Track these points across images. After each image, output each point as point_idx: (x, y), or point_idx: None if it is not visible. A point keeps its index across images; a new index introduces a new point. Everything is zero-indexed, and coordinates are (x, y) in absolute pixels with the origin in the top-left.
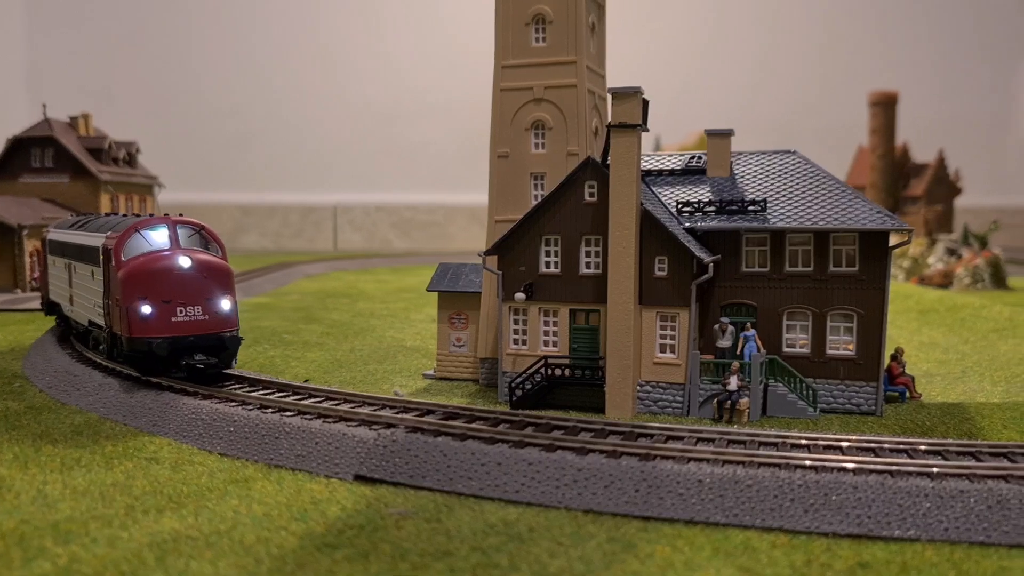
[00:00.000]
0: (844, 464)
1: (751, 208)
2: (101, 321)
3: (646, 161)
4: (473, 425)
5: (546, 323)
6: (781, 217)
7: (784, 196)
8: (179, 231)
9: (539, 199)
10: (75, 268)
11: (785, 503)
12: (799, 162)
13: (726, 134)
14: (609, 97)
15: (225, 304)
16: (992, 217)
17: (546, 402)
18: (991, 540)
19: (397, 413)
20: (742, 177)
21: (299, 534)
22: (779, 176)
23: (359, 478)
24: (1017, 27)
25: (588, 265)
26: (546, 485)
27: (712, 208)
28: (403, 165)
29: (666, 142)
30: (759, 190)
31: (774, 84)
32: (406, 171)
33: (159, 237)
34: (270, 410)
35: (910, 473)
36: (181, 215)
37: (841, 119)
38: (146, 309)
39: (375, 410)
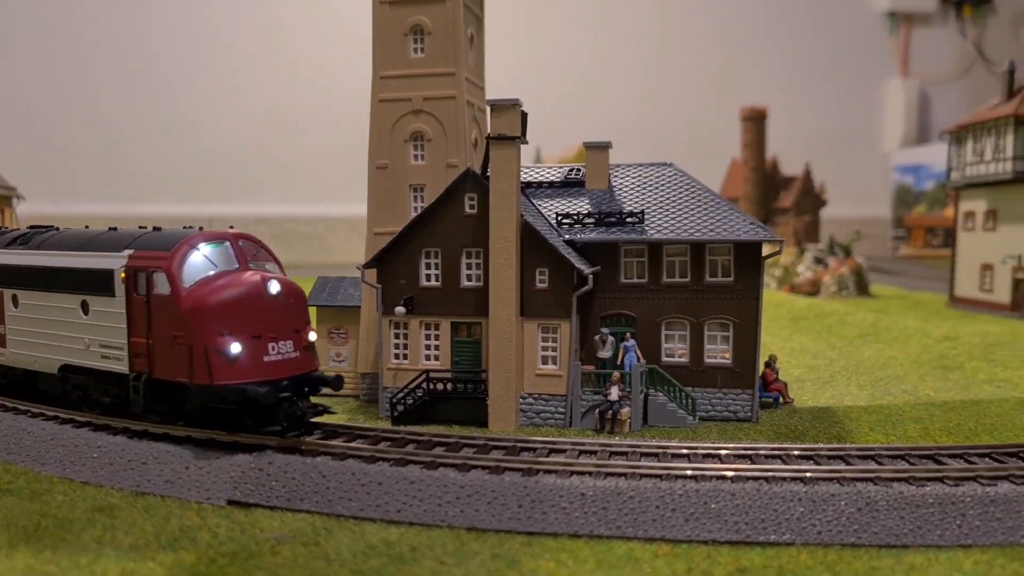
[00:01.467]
0: (723, 472)
1: (629, 220)
2: (118, 366)
3: (526, 173)
4: (353, 444)
5: (427, 336)
6: (658, 229)
7: (661, 208)
8: (242, 246)
9: (419, 211)
10: (35, 299)
11: (667, 513)
12: (675, 174)
13: (604, 147)
14: (488, 109)
15: (312, 336)
16: (855, 227)
17: (428, 417)
18: (861, 541)
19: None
20: (620, 189)
21: (168, 564)
22: (656, 188)
23: (233, 503)
24: (879, 48)
25: (469, 278)
26: (428, 503)
27: (591, 220)
28: (283, 176)
29: (546, 154)
30: (637, 202)
31: (651, 98)
32: (286, 182)
33: (221, 255)
34: (138, 434)
35: (784, 479)
36: (232, 227)
37: (715, 133)
38: (235, 348)
39: (250, 431)
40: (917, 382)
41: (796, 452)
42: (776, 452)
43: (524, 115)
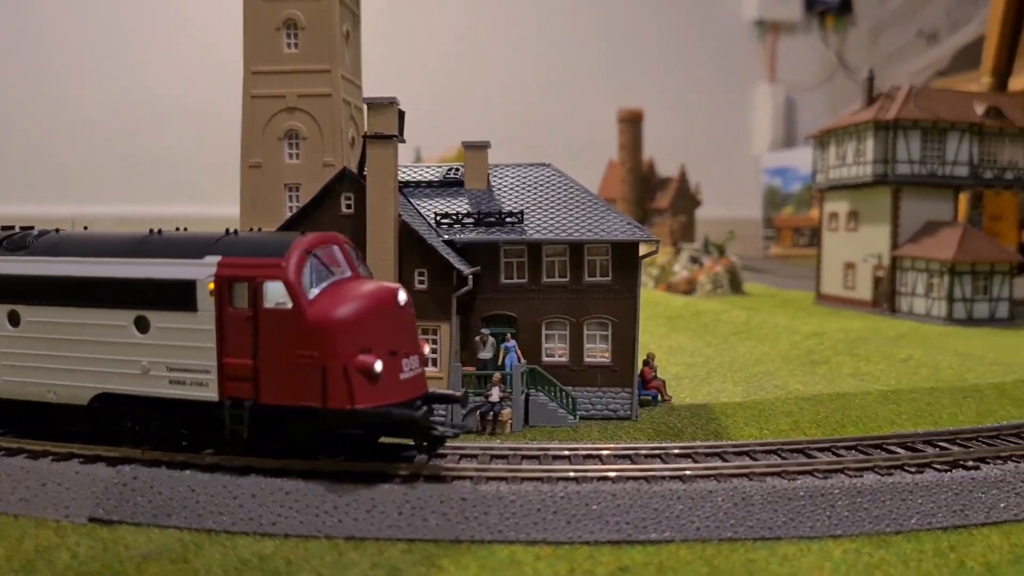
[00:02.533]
0: (605, 473)
1: (508, 220)
2: (201, 393)
3: (404, 173)
4: (225, 455)
5: None
6: (538, 229)
7: (540, 208)
8: (347, 249)
9: (294, 211)
10: (50, 316)
11: (548, 516)
12: (554, 175)
13: (483, 146)
14: (365, 107)
15: (427, 348)
16: (728, 228)
17: None
18: (738, 535)
19: (140, 446)
20: (499, 189)
21: None
22: (535, 188)
23: (95, 520)
24: (748, 55)
25: None
26: (305, 514)
27: (471, 220)
28: (150, 175)
29: (426, 154)
30: (516, 202)
31: (530, 99)
32: (154, 181)
33: (333, 260)
34: None
35: (664, 478)
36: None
37: (593, 134)
38: (378, 366)
39: (114, 443)
40: (787, 377)
41: (676, 451)
42: (656, 451)
43: (401, 114)
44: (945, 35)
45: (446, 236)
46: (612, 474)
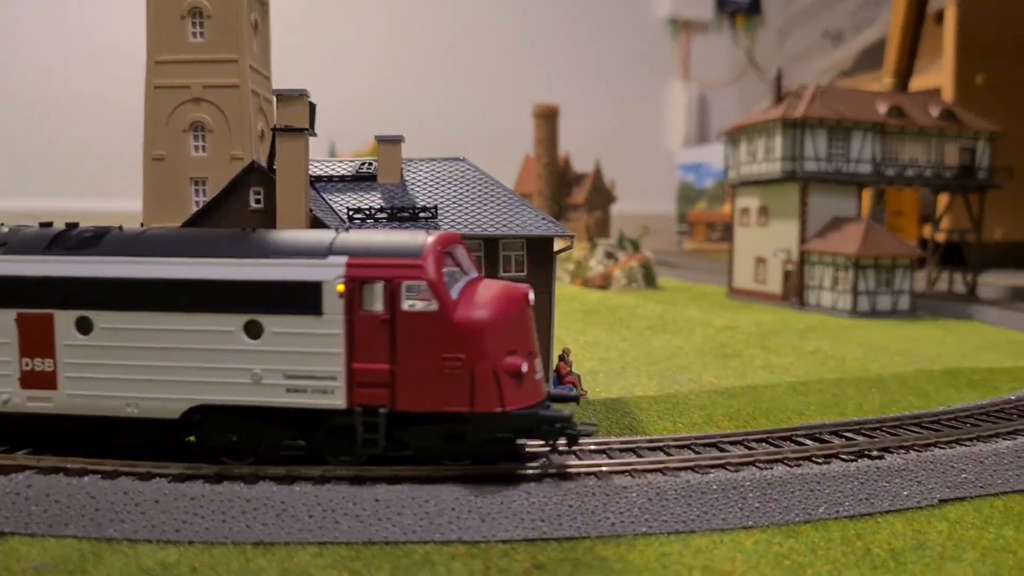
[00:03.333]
0: (523, 471)
1: (422, 215)
2: (326, 400)
3: (315, 167)
4: (127, 460)
5: None
6: (452, 224)
7: (455, 203)
8: (466, 248)
9: (201, 206)
10: (134, 322)
11: (463, 514)
12: (468, 169)
13: (396, 140)
14: (275, 100)
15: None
16: (643, 223)
17: None
18: (652, 530)
19: (36, 452)
20: (413, 184)
21: None
22: (449, 183)
23: None
24: (661, 53)
25: None
26: (211, 520)
27: (384, 215)
28: (51, 168)
29: (341, 148)
30: (430, 197)
31: (447, 93)
32: (55, 175)
33: (461, 259)
34: None
35: (580, 474)
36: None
37: (509, 129)
38: (524, 367)
39: (6, 450)
40: (701, 370)
41: (591, 447)
42: (571, 448)
43: (312, 106)
44: (849, 36)
45: None
46: (529, 471)
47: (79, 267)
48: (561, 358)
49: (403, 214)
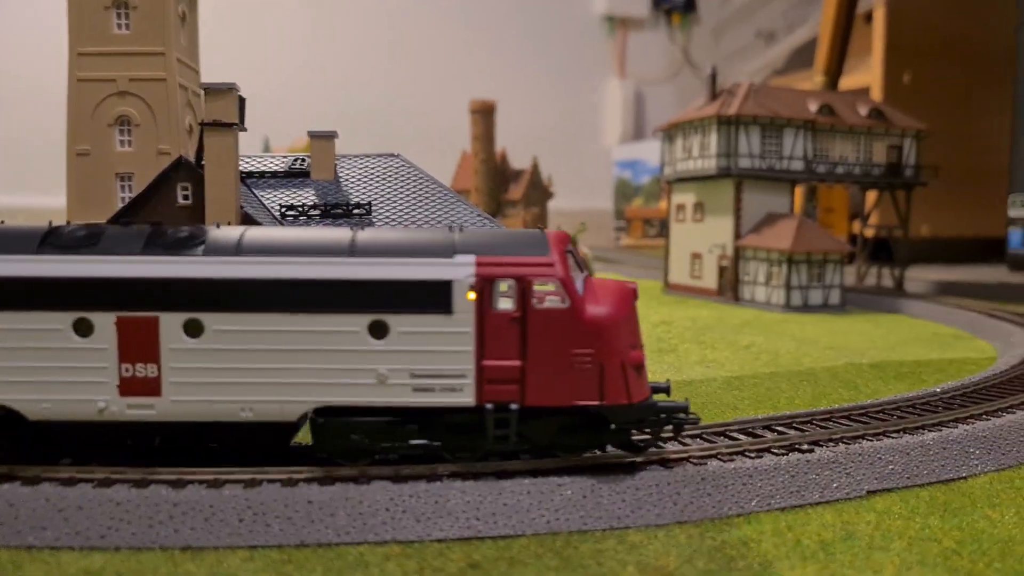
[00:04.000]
0: (453, 471)
1: (356, 212)
2: (454, 398)
3: (246, 163)
4: (49, 466)
5: None
6: (386, 220)
7: (389, 199)
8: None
9: (127, 202)
10: (250, 324)
11: (397, 515)
12: (403, 165)
13: (329, 136)
14: (203, 93)
15: None
16: (580, 219)
17: None
18: (587, 527)
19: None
20: (347, 180)
21: None
22: (383, 179)
23: None
24: (598, 50)
25: None
26: (138, 525)
27: (317, 212)
28: None
29: (276, 144)
30: (364, 193)
31: (384, 89)
32: None
33: (575, 256)
34: None
35: (516, 472)
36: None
37: (446, 125)
38: (644, 360)
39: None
40: None
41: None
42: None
43: (242, 100)
44: (782, 36)
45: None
46: (463, 471)
47: (187, 267)
48: None
49: (336, 210)
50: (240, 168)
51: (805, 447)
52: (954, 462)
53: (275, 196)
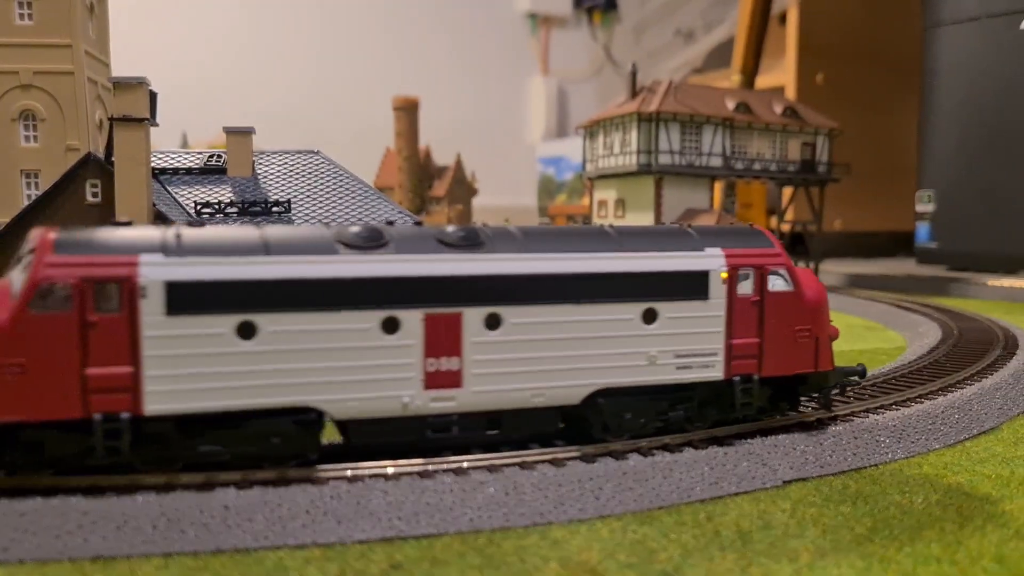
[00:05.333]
0: (382, 470)
1: (275, 209)
2: (709, 374)
3: (159, 159)
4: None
5: None
6: (305, 218)
7: (308, 197)
8: None
9: (32, 199)
10: (544, 316)
11: (318, 517)
12: (322, 162)
13: (247, 132)
14: (112, 87)
15: None
16: (505, 216)
17: None
18: (510, 524)
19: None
20: (265, 177)
21: None
22: (303, 176)
23: None
24: (522, 47)
25: None
26: (44, 536)
27: (234, 210)
28: None
29: (194, 140)
30: (283, 190)
31: (305, 84)
32: None
33: None
34: None
35: (439, 471)
36: None
37: (369, 121)
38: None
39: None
40: None
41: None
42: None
43: (153, 95)
44: (700, 35)
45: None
46: (390, 471)
47: (486, 265)
48: None
49: (255, 208)
50: (152, 165)
51: (725, 439)
52: (865, 450)
53: (190, 193)
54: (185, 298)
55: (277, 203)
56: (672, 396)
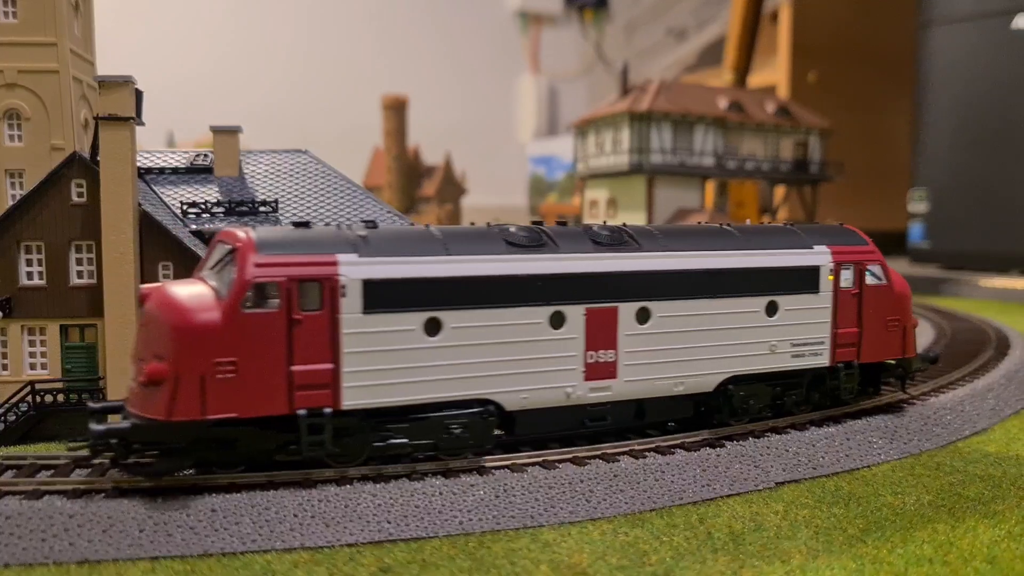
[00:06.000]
0: (365, 474)
1: (262, 209)
2: (817, 361)
3: (145, 158)
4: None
5: (31, 343)
6: (293, 217)
7: (296, 196)
8: None
9: (17, 199)
10: (687, 309)
11: (306, 520)
12: (310, 162)
13: (233, 131)
14: (98, 86)
15: None
16: (494, 216)
17: (36, 435)
18: (500, 526)
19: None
20: (252, 177)
21: None
22: (290, 176)
23: None
24: (512, 45)
25: (80, 274)
26: (30, 539)
27: (221, 209)
28: None
29: (181, 139)
30: (270, 190)
31: (293, 83)
32: None
33: None
34: None
35: (399, 476)
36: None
37: (357, 120)
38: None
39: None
40: None
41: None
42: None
43: (139, 93)
44: (692, 33)
45: (194, 226)
46: (372, 473)
47: (637, 262)
48: None
49: (242, 208)
50: (138, 164)
51: (715, 441)
52: (858, 451)
53: (176, 193)
54: (380, 296)
55: (264, 203)
56: (785, 382)
